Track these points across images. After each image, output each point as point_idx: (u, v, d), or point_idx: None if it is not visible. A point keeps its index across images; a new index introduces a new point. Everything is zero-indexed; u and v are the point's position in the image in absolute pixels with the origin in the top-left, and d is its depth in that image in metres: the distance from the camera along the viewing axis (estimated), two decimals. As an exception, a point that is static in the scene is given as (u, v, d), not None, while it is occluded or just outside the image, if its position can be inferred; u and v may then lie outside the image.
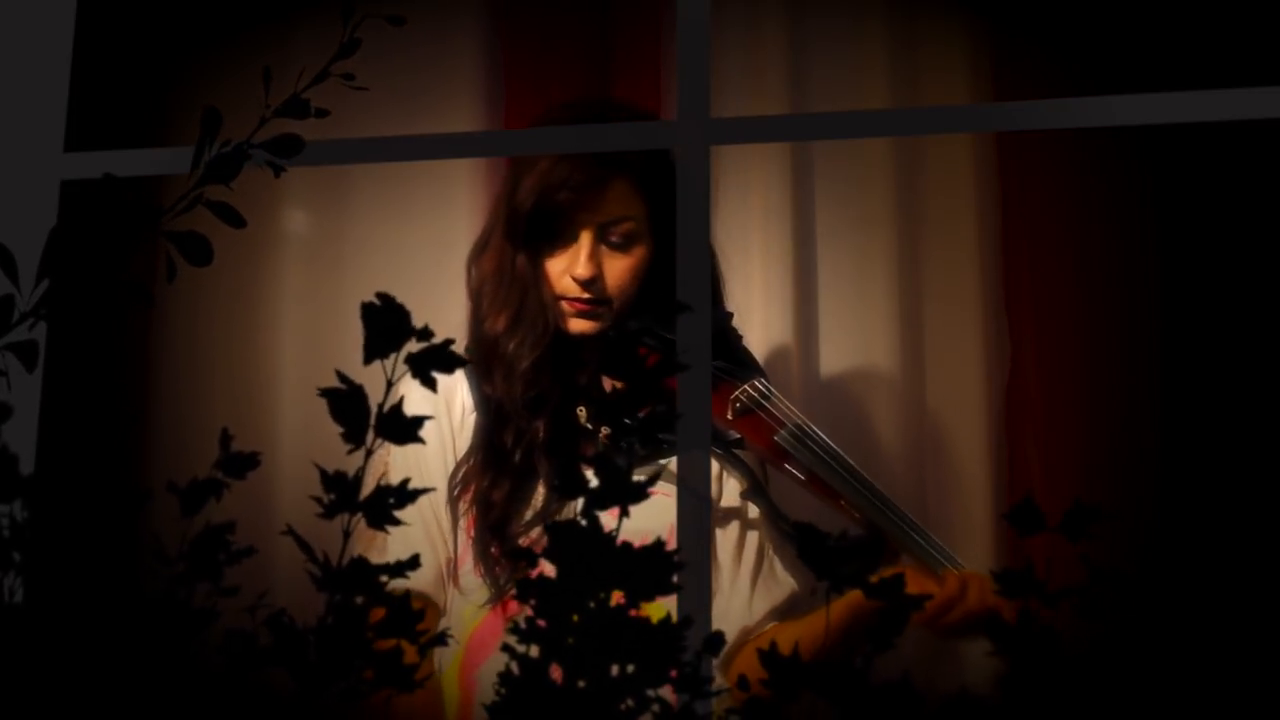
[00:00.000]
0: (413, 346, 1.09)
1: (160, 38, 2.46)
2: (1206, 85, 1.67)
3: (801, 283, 2.65)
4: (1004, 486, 2.58)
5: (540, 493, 2.10)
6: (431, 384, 1.10)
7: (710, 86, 1.70)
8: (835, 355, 2.66)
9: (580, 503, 1.09)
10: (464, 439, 2.16)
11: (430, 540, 2.12)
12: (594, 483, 1.10)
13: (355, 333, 1.10)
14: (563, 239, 2.16)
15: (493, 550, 2.07)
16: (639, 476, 1.10)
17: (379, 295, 1.09)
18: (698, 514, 1.60)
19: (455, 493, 2.12)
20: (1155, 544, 2.27)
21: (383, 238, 2.66)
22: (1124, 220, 2.53)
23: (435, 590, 2.12)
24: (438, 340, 1.09)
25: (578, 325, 2.16)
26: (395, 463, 2.07)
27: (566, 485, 1.11)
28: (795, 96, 2.67)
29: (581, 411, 2.16)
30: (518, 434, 2.11)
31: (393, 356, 1.09)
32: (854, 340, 2.66)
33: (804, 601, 2.16)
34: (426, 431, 2.11)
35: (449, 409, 2.17)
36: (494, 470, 2.11)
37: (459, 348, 1.11)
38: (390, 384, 1.10)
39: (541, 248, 2.16)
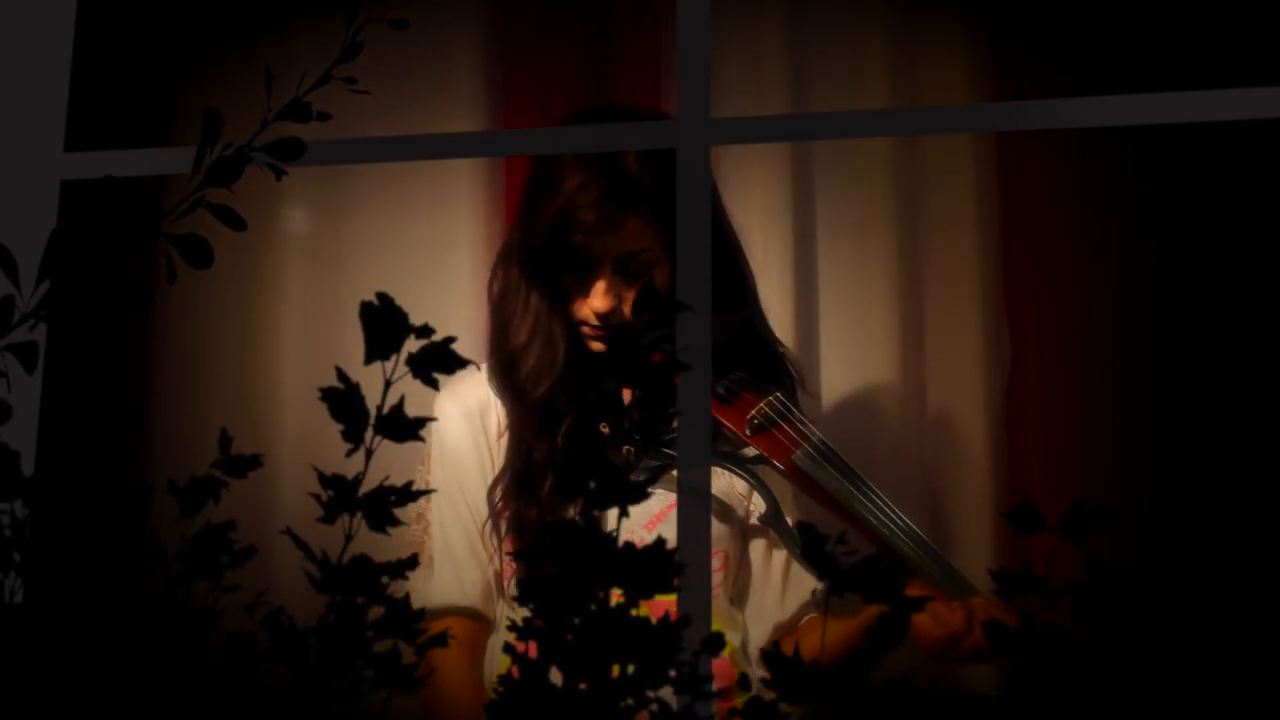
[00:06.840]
0: (413, 345, 1.09)
1: (161, 38, 2.46)
2: (1206, 85, 1.67)
3: (802, 282, 2.65)
4: (1004, 486, 2.58)
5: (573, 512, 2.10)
6: (433, 384, 1.10)
7: (710, 86, 1.69)
8: (835, 354, 2.66)
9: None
10: (501, 451, 2.16)
11: (475, 556, 2.14)
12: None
13: (355, 332, 1.10)
14: (580, 272, 2.13)
15: None
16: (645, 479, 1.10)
17: (378, 295, 1.09)
18: (698, 514, 1.60)
19: (496, 509, 2.13)
20: (1155, 544, 2.27)
21: (383, 238, 2.66)
22: (1124, 220, 2.53)
23: (485, 605, 2.14)
24: (438, 338, 1.09)
25: (599, 346, 2.14)
26: (436, 479, 2.10)
27: (566, 487, 1.11)
28: (795, 96, 2.67)
29: (605, 428, 2.14)
30: (547, 453, 2.09)
31: (393, 357, 1.08)
32: (854, 339, 2.66)
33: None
34: (464, 446, 2.14)
35: (484, 423, 2.17)
36: (527, 492, 2.09)
37: (471, 354, 1.10)
38: (388, 384, 1.09)
39: (560, 277, 2.14)
